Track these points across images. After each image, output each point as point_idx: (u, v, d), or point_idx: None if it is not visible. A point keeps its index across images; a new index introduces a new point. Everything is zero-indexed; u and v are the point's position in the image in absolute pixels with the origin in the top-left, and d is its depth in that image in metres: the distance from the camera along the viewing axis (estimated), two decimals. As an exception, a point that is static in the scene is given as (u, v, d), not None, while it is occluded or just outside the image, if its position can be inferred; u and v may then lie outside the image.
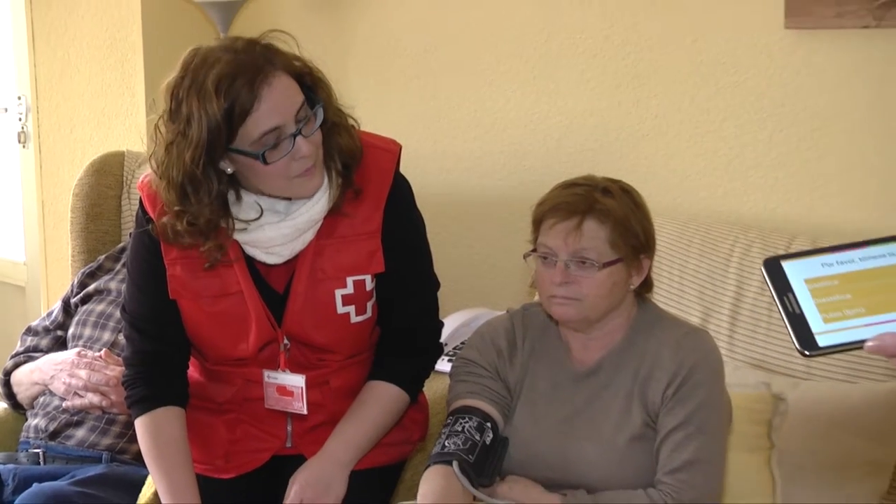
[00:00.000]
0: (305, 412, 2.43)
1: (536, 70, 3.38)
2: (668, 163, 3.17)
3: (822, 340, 1.48)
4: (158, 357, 2.46)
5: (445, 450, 2.29)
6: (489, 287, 3.51)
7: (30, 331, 3.23)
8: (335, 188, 2.33)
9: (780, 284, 1.53)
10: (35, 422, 3.02)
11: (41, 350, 3.15)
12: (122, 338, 2.58)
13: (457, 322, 3.23)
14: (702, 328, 2.53)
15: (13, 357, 3.16)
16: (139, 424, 2.45)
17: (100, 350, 3.01)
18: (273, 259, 2.36)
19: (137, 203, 2.44)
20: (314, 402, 2.45)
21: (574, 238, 2.27)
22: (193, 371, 2.53)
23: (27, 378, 3.07)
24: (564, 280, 2.28)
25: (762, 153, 3.02)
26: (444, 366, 2.83)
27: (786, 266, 1.55)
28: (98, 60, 3.99)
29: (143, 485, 2.64)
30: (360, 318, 2.42)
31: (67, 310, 3.20)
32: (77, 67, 4.03)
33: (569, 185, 2.34)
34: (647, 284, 2.39)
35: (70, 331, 3.14)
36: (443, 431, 2.35)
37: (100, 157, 3.56)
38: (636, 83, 3.20)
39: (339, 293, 2.39)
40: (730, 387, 2.37)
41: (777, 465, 2.51)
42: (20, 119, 4.14)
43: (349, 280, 2.39)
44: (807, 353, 1.48)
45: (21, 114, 4.13)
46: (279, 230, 2.32)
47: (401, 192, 2.43)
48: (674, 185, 3.16)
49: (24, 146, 4.16)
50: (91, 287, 3.18)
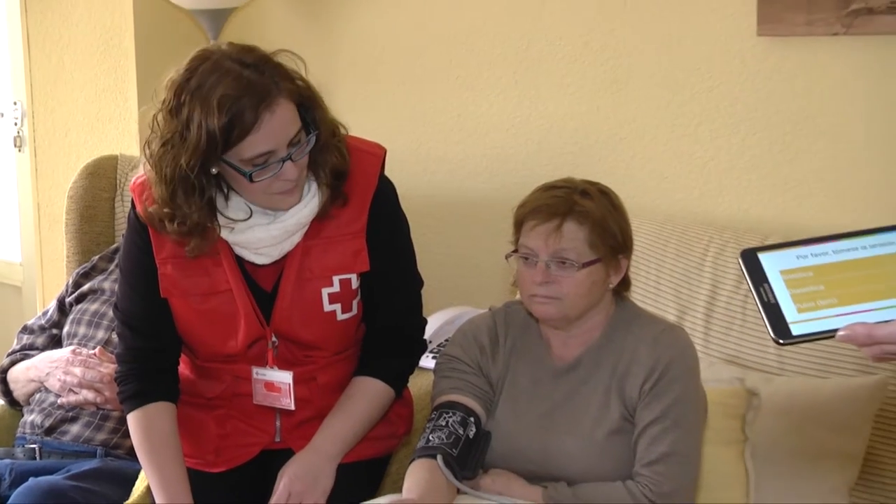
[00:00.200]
0: (293, 407, 2.43)
1: (517, 76, 3.38)
2: (646, 165, 3.17)
3: (796, 329, 1.49)
4: (150, 354, 2.45)
5: (430, 444, 2.29)
6: (472, 286, 3.51)
7: (26, 329, 3.22)
8: (324, 195, 2.33)
9: (757, 275, 1.54)
10: (31, 418, 3.01)
11: (37, 348, 3.14)
12: (116, 335, 2.58)
13: (440, 320, 3.23)
14: (678, 325, 2.53)
15: (10, 355, 3.15)
16: (131, 419, 2.44)
17: (94, 348, 3.00)
18: (262, 259, 2.36)
19: (130, 205, 2.44)
20: (302, 398, 2.44)
21: (554, 239, 2.27)
22: (184, 368, 2.52)
23: (23, 375, 3.06)
24: (545, 280, 2.28)
25: (736, 156, 3.03)
26: (429, 362, 2.83)
27: (762, 258, 1.56)
28: (92, 66, 3.97)
29: (137, 479, 2.64)
30: (346, 316, 2.42)
31: (62, 309, 3.19)
32: (71, 73, 4.02)
33: (549, 188, 2.34)
34: (625, 283, 2.39)
35: (65, 329, 3.13)
36: (427, 426, 2.35)
37: (94, 161, 3.55)
38: (614, 88, 3.21)
39: (326, 292, 2.39)
40: (705, 382, 2.37)
41: (750, 458, 2.52)
42: (16, 123, 4.12)
43: (335, 279, 2.39)
44: (781, 342, 1.49)
45: (17, 118, 4.12)
46: (268, 232, 2.32)
47: (385, 194, 2.43)
48: (651, 187, 3.16)
49: (20, 150, 4.14)
50: (85, 287, 3.17)
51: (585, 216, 2.27)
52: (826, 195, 2.90)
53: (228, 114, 2.16)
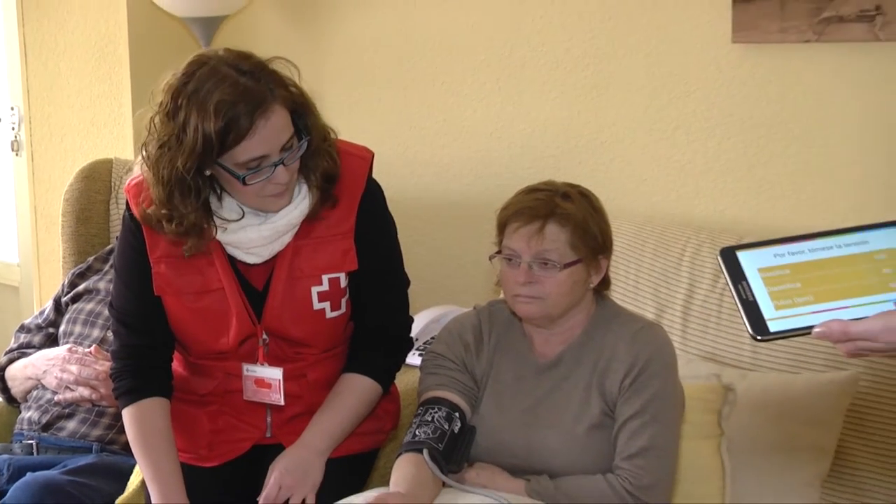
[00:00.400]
0: (283, 403, 2.43)
1: (501, 81, 3.38)
2: (625, 168, 3.18)
3: (773, 326, 1.49)
4: (144, 350, 2.45)
5: (416, 438, 2.29)
6: (457, 285, 3.51)
7: (23, 328, 3.21)
8: (314, 198, 2.33)
9: (735, 273, 1.54)
10: (28, 414, 3.00)
11: (34, 346, 3.13)
12: (111, 334, 2.57)
13: (426, 318, 3.23)
14: (656, 323, 2.54)
15: (7, 353, 3.14)
16: (126, 414, 2.43)
17: (89, 346, 2.99)
18: (253, 259, 2.36)
19: (125, 207, 2.43)
20: (292, 394, 2.44)
21: (536, 241, 2.27)
22: (177, 365, 2.52)
23: (21, 373, 3.05)
24: (528, 280, 2.28)
25: (712, 159, 3.03)
26: (415, 359, 2.83)
27: (740, 256, 1.56)
28: (87, 73, 3.96)
29: (132, 473, 2.64)
30: (335, 314, 2.42)
31: (59, 308, 3.18)
32: (67, 79, 4.01)
33: (531, 191, 2.35)
34: (605, 283, 2.39)
35: (61, 328, 3.13)
36: (414, 421, 2.35)
37: (89, 164, 3.54)
38: (594, 94, 3.21)
39: (316, 290, 2.39)
40: (682, 378, 2.38)
41: (726, 452, 2.52)
42: (13, 128, 4.11)
43: (325, 278, 2.39)
44: (759, 338, 1.49)
45: (14, 123, 4.11)
46: (259, 232, 2.32)
47: (373, 196, 2.43)
48: (630, 190, 3.16)
49: (18, 154, 4.13)
50: (81, 287, 3.16)
51: (567, 218, 2.27)
52: (798, 197, 2.91)
53: (224, 119, 2.16)
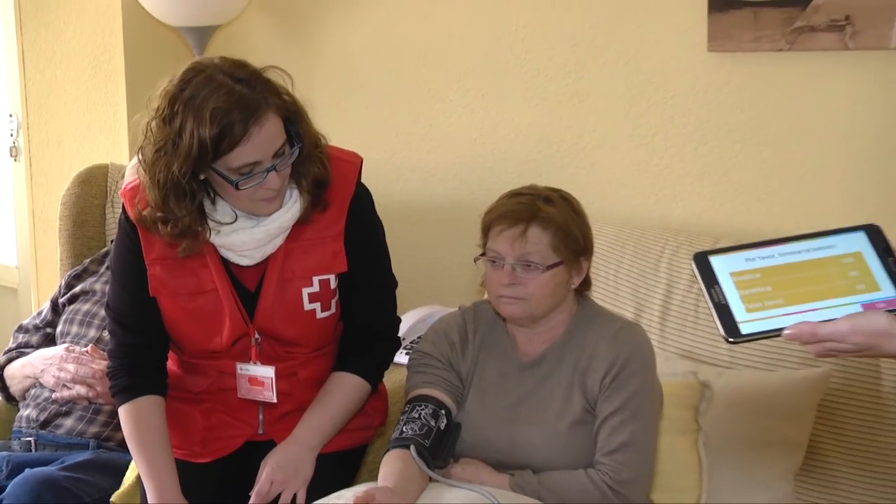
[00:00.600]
0: (275, 401, 2.43)
1: (485, 89, 3.39)
2: (605, 173, 3.18)
3: (745, 328, 1.50)
4: (140, 350, 2.44)
5: (403, 435, 2.29)
6: (443, 287, 3.51)
7: (21, 329, 3.20)
8: (305, 202, 2.33)
9: (708, 277, 1.55)
10: (27, 412, 2.99)
11: (32, 346, 3.13)
12: (107, 333, 2.56)
13: (413, 318, 3.23)
14: (635, 323, 2.55)
15: (6, 353, 3.14)
16: (122, 412, 2.43)
17: (86, 346, 2.99)
18: (245, 261, 2.35)
19: (121, 210, 2.43)
20: (283, 392, 2.44)
21: (520, 243, 2.27)
22: (172, 364, 2.51)
23: (19, 372, 3.05)
24: (511, 281, 2.29)
25: (689, 164, 3.04)
26: (402, 358, 2.83)
27: (713, 260, 1.56)
28: (83, 81, 3.95)
29: (127, 469, 2.63)
30: (325, 314, 2.42)
31: (56, 309, 3.18)
32: (64, 87, 4.00)
33: (514, 195, 2.35)
34: (586, 283, 2.40)
35: (58, 328, 3.12)
36: (401, 418, 2.35)
37: (85, 170, 3.54)
38: (576, 100, 3.21)
39: (306, 291, 2.39)
40: (661, 376, 2.38)
41: (703, 447, 2.53)
42: (12, 135, 4.10)
43: (315, 279, 2.39)
44: (731, 340, 1.50)
45: (12, 130, 4.09)
46: (252, 235, 2.32)
47: (362, 200, 2.43)
48: (609, 193, 3.17)
49: (16, 160, 4.12)
50: (77, 288, 3.16)
51: (549, 221, 2.28)
52: (772, 200, 2.92)
53: (219, 125, 2.15)
